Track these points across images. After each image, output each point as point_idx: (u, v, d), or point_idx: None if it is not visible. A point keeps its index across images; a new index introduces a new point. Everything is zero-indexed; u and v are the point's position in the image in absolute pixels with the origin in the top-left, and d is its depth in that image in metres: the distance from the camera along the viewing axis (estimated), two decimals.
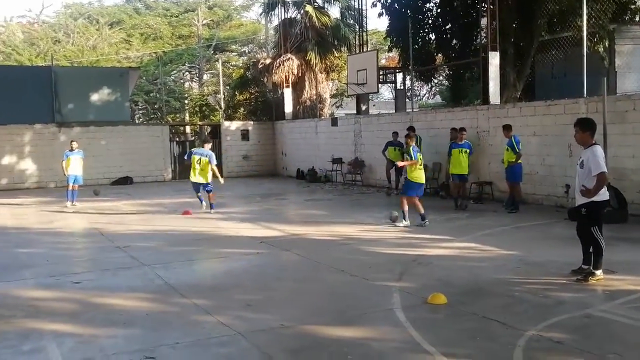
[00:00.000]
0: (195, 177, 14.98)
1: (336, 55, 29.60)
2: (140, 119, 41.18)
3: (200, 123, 36.36)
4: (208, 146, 15.67)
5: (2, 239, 12.14)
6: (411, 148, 12.34)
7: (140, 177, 25.47)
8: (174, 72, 42.88)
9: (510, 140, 13.98)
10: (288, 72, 27.00)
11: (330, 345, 5.71)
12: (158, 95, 38.82)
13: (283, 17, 28.64)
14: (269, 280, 8.38)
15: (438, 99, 44.10)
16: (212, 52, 44.76)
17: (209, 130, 30.21)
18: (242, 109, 33.79)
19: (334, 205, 16.88)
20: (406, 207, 12.25)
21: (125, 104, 27.12)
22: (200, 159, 14.89)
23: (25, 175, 23.95)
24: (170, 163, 26.37)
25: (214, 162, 15.06)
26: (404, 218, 12.28)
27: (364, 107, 23.37)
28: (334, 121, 24.00)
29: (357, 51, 24.61)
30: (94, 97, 25.68)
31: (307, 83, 28.10)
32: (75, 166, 17.23)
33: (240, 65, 45.91)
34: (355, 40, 26.30)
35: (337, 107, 38.20)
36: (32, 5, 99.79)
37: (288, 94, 27.75)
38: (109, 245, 11.23)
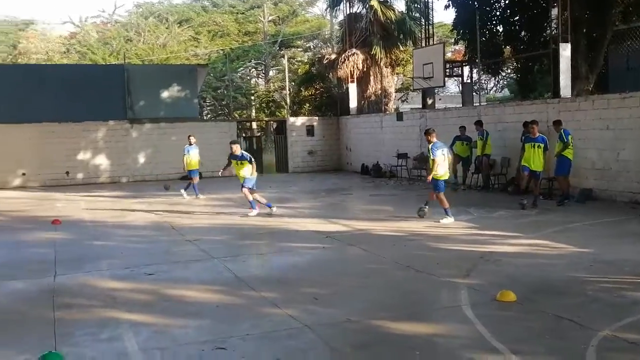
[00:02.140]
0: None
1: (401, 49, 29.38)
2: (208, 115, 42.04)
3: (266, 119, 36.81)
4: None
5: (79, 232, 12.65)
6: (430, 146, 12.39)
7: (209, 172, 25.94)
8: (241, 68, 43.56)
9: (560, 134, 13.79)
10: (353, 67, 26.99)
11: (397, 341, 5.72)
12: (225, 92, 39.57)
13: (348, 12, 28.63)
14: (334, 274, 8.45)
15: (506, 92, 43.21)
16: (278, 48, 45.21)
17: (274, 126, 30.57)
18: (308, 105, 34.00)
19: (400, 201, 16.79)
20: (446, 204, 12.44)
21: (194, 100, 27.74)
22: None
23: (99, 170, 24.82)
24: None
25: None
26: (448, 214, 12.40)
27: (430, 101, 23.15)
28: (400, 116, 23.84)
29: (423, 45, 24.37)
30: (164, 94, 26.35)
31: (372, 78, 28.01)
32: (196, 160, 18.03)
33: (306, 61, 46.24)
34: (420, 34, 26.04)
35: (403, 101, 37.95)
36: (105, 6, 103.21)
37: (353, 88, 27.75)
38: (179, 238, 11.55)
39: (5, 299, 7.57)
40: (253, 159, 14.31)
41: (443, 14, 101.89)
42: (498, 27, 22.74)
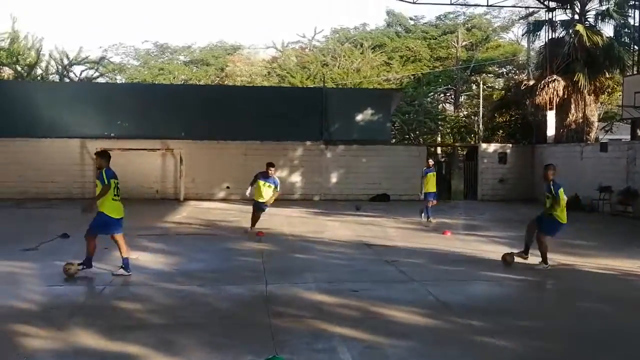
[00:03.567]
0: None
1: (607, 76, 27.57)
2: (395, 139, 42.51)
3: (458, 144, 36.39)
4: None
5: (282, 244, 13.37)
6: (550, 184, 10.71)
7: (397, 195, 26.20)
8: (431, 93, 43.56)
9: None
10: (553, 94, 25.84)
11: None
12: (415, 116, 39.78)
13: (550, 37, 27.52)
14: (543, 308, 8.09)
15: None
16: (470, 73, 44.65)
17: (466, 151, 30.10)
18: (501, 131, 33.10)
19: (604, 237, 15.72)
20: (544, 248, 10.71)
21: (387, 124, 28.18)
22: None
23: (294, 187, 26.03)
24: None
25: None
26: (545, 262, 10.71)
27: None
28: (604, 146, 22.36)
29: (633, 72, 22.70)
30: (359, 117, 27.07)
31: (572, 105, 26.57)
32: (433, 183, 17.96)
33: (497, 86, 45.15)
34: (631, 61, 24.28)
35: (606, 131, 35.55)
36: (305, 31, 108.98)
37: (551, 116, 26.54)
38: (377, 258, 11.75)
39: (227, 301, 8.20)
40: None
41: None
42: None
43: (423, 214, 17.89)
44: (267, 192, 14.57)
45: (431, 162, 18.70)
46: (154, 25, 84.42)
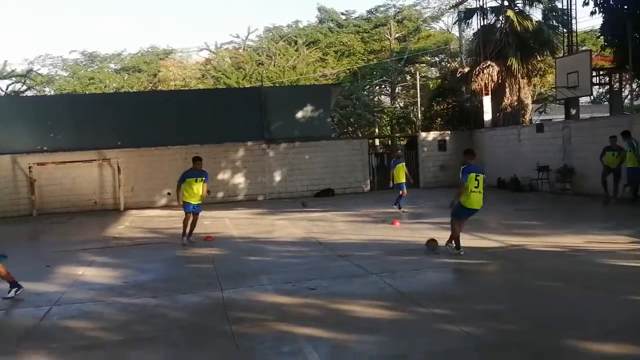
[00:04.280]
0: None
1: (539, 59, 28.29)
2: (335, 133, 42.61)
3: (398, 135, 36.68)
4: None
5: (232, 248, 13.07)
6: (461, 169, 10.73)
7: (341, 188, 26.22)
8: (367, 86, 43.79)
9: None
10: (488, 79, 26.33)
11: None
12: (353, 110, 39.92)
13: (481, 24, 28.02)
14: (501, 291, 8.13)
15: None
16: (403, 64, 45.09)
17: (406, 141, 30.37)
18: (439, 119, 33.54)
19: (547, 216, 16.09)
20: (456, 233, 10.85)
21: (328, 119, 28.13)
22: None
23: (237, 189, 25.68)
24: (369, 175, 26.86)
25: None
26: (456, 247, 10.86)
27: (573, 112, 22.07)
28: (540, 127, 22.90)
29: (564, 53, 23.32)
30: (299, 114, 26.91)
31: (507, 89, 27.15)
32: (403, 174, 18.37)
33: (431, 76, 45.78)
34: (561, 43, 24.95)
35: (540, 113, 36.50)
36: (239, 31, 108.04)
37: (487, 101, 27.04)
38: (330, 254, 11.62)
39: (184, 311, 7.91)
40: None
41: (583, 22, 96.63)
42: None
43: (396, 205, 18.22)
44: (198, 189, 13.54)
45: (399, 152, 18.78)
46: (81, 34, 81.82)
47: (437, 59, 48.55)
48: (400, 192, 18.31)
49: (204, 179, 13.69)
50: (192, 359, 6.00)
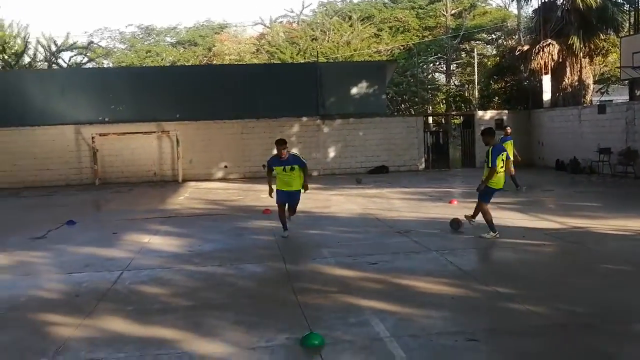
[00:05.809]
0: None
1: (601, 38, 27.44)
2: (389, 110, 42.41)
3: (454, 113, 36.30)
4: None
5: (292, 221, 13.24)
6: (490, 150, 10.40)
7: (395, 166, 26.17)
8: (422, 63, 43.35)
9: None
10: (548, 58, 25.74)
11: None
12: (407, 87, 39.60)
13: (542, 1, 27.32)
14: (567, 272, 8.10)
15: None
16: (459, 41, 44.42)
17: (462, 120, 30.01)
18: (497, 98, 33.00)
19: (609, 198, 15.78)
20: (489, 216, 10.64)
21: (382, 96, 28.01)
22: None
23: None
24: (424, 153, 26.70)
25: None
26: (491, 230, 10.60)
27: (638, 93, 21.44)
28: (602, 108, 22.33)
29: (630, 32, 22.59)
30: (354, 90, 26.87)
31: (568, 69, 26.50)
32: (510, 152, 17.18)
33: (488, 54, 44.98)
34: (626, 21, 24.14)
35: (602, 93, 35.49)
36: (293, 5, 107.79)
37: (547, 80, 26.48)
38: (388, 230, 11.71)
39: (250, 280, 8.16)
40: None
41: None
42: None
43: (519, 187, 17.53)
44: (290, 180, 10.95)
45: (509, 129, 18.32)
46: (138, 8, 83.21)
47: (494, 37, 47.67)
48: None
49: (296, 166, 10.92)
50: (262, 326, 6.20)
